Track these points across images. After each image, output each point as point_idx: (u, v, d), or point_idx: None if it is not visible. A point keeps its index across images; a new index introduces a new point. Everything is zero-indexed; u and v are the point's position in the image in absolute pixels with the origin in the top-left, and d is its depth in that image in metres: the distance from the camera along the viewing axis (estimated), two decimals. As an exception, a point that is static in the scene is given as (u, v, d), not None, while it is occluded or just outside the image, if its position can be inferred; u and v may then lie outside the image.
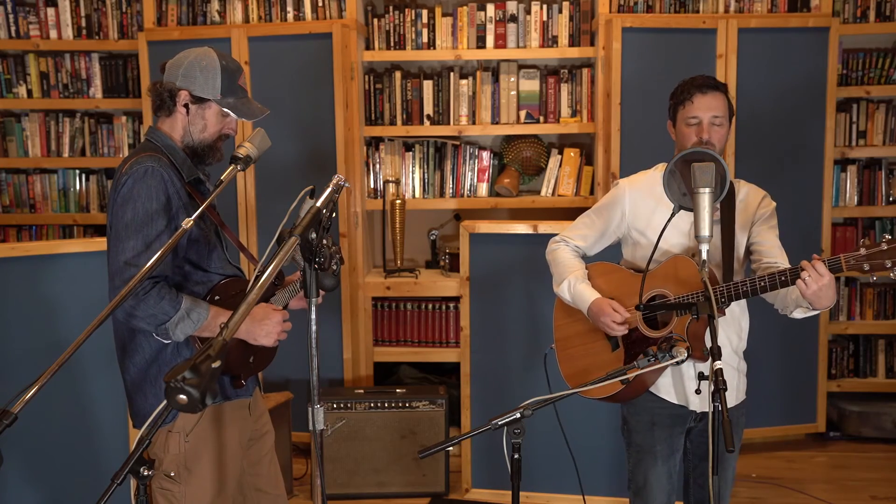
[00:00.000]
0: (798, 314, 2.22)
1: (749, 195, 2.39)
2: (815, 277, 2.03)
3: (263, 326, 2.09)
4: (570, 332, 2.52)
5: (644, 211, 2.40)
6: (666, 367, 2.01)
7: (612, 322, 2.31)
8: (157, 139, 2.14)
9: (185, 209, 2.06)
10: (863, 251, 2.04)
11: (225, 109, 2.13)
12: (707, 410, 2.32)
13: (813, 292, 2.05)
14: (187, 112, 2.12)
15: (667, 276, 2.27)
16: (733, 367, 2.35)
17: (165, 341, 2.05)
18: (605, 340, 2.41)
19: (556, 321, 2.58)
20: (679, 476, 2.45)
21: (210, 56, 2.12)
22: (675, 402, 2.35)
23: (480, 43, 4.13)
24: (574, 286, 2.42)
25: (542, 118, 4.19)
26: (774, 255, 2.30)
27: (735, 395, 2.34)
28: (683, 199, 2.15)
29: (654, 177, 2.41)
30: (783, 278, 2.09)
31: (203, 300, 2.08)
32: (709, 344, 1.91)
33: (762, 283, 2.12)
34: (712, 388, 1.84)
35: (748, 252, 2.38)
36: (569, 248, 2.52)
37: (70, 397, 2.90)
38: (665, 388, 2.35)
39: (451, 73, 4.15)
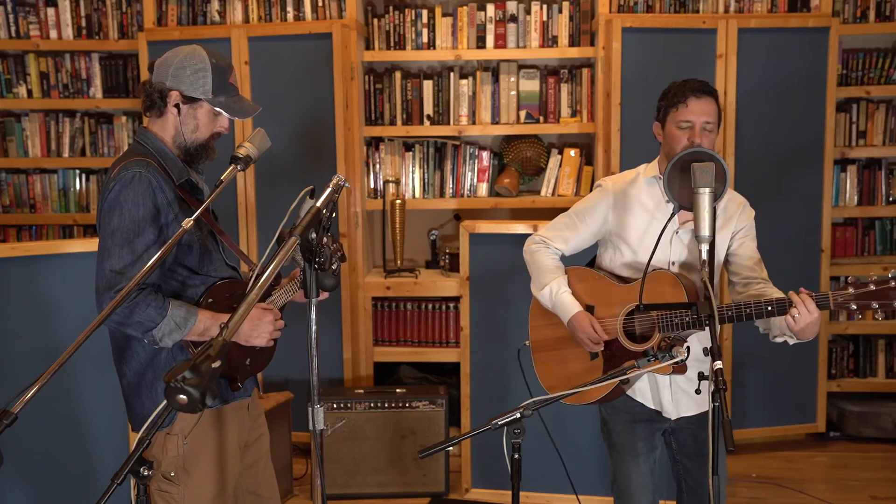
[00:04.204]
0: (779, 340, 2.22)
1: (729, 203, 2.38)
2: (805, 315, 2.04)
3: (255, 327, 2.06)
4: (548, 335, 2.52)
5: (628, 218, 2.38)
6: (665, 367, 2.01)
7: (589, 340, 2.34)
8: (147, 141, 2.09)
9: (176, 214, 2.02)
10: (851, 290, 2.03)
11: (217, 109, 2.08)
12: (682, 416, 2.35)
13: (800, 329, 2.06)
14: (179, 112, 2.07)
15: (648, 288, 2.25)
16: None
17: (157, 347, 2.02)
18: (584, 349, 2.41)
19: (532, 321, 2.58)
20: (659, 473, 2.44)
21: (199, 54, 2.06)
22: (651, 406, 2.39)
23: (480, 43, 4.13)
24: (556, 294, 2.41)
25: (542, 118, 4.19)
26: (755, 271, 2.31)
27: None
28: (684, 199, 2.15)
29: (639, 182, 2.40)
30: (770, 308, 2.09)
31: (195, 303, 2.05)
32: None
33: (748, 311, 2.12)
34: (712, 388, 1.84)
35: (726, 261, 2.38)
36: (549, 251, 2.50)
37: (69, 398, 2.90)
38: (641, 392, 2.39)
39: (451, 73, 4.15)
